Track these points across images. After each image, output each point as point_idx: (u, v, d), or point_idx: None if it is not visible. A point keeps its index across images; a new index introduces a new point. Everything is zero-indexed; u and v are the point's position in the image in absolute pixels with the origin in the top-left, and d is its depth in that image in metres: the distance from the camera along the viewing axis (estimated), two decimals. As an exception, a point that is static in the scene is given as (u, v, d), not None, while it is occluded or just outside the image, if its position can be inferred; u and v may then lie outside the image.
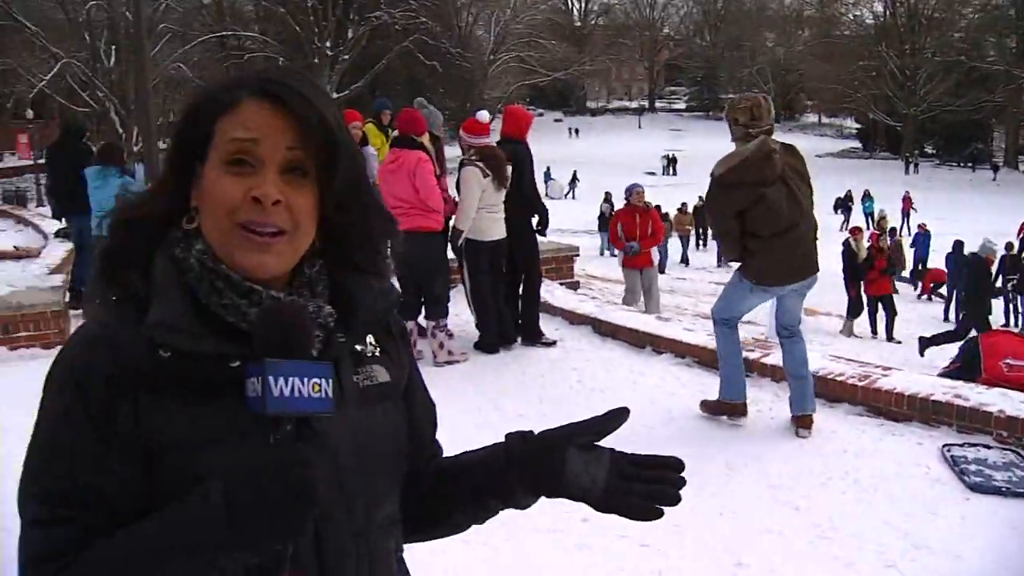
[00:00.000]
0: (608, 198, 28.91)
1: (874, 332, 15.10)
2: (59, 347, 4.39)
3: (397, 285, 1.31)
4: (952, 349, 9.39)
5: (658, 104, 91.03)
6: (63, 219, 10.47)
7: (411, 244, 5.96)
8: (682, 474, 1.20)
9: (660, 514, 1.18)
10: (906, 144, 57.73)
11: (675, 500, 1.19)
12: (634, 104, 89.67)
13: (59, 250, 10.88)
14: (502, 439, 1.27)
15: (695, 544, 3.85)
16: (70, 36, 39.13)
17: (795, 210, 5.08)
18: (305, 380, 0.98)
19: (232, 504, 0.97)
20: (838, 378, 5.79)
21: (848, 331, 14.93)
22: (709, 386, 5.82)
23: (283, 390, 0.97)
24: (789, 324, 5.34)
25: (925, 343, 12.36)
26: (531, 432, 1.24)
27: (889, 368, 6.11)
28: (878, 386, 5.60)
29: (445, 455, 1.40)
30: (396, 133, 7.11)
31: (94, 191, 7.89)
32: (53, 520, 1.05)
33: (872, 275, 14.90)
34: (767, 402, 5.74)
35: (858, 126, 70.40)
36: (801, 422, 5.19)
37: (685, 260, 26.33)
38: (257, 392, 0.97)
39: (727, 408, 5.42)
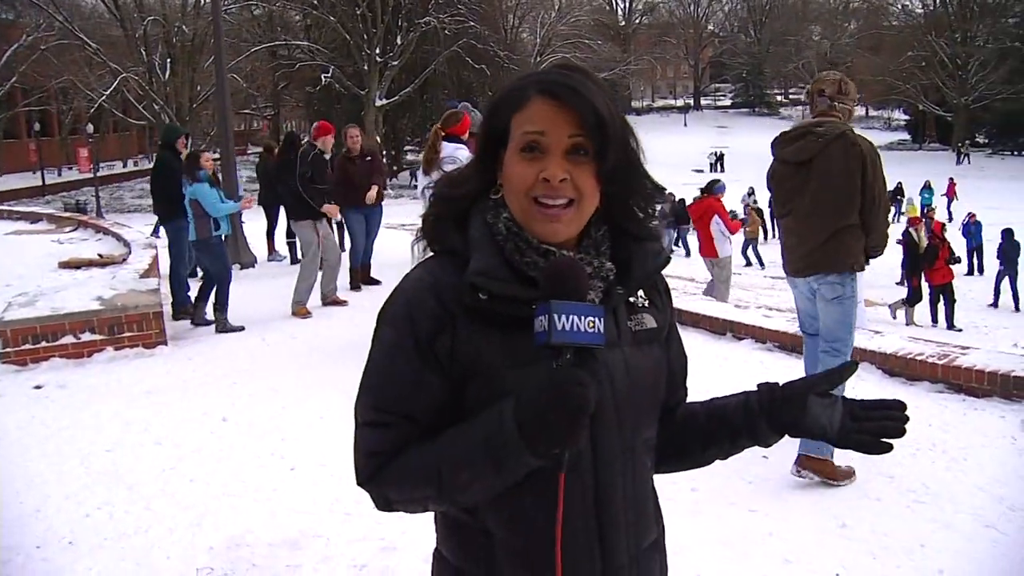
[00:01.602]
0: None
1: (934, 321, 15.10)
2: (159, 345, 4.78)
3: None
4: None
5: (703, 101, 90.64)
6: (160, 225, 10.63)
7: None
8: (905, 412, 1.42)
9: (889, 447, 1.42)
10: (957, 134, 56.78)
11: (900, 433, 1.42)
12: (679, 102, 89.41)
13: (145, 256, 11.30)
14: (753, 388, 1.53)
15: (799, 509, 4.09)
16: (127, 51, 40.05)
17: (796, 201, 4.68)
18: (582, 318, 1.20)
19: (521, 415, 1.22)
20: (917, 357, 5.97)
21: (904, 315, 14.95)
22: (792, 368, 6.04)
23: (564, 325, 1.18)
24: (824, 336, 4.66)
25: None
26: (777, 383, 1.48)
27: (967, 347, 6.26)
28: (958, 364, 5.77)
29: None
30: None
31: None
32: (380, 424, 1.38)
33: (937, 264, 14.92)
34: (849, 382, 5.88)
35: (907, 117, 69.42)
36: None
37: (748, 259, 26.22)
38: (544, 327, 1.19)
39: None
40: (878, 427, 1.42)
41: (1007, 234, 18.53)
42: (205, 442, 5.33)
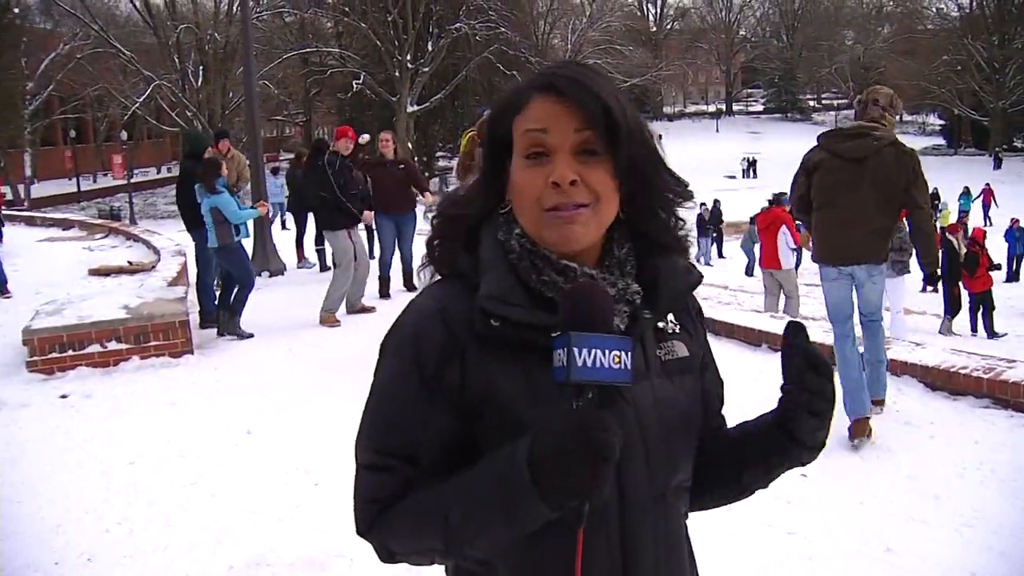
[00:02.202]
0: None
1: (974, 330, 14.73)
2: (185, 354, 4.66)
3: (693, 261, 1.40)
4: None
5: (735, 107, 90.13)
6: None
7: None
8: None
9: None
10: (993, 139, 55.97)
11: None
12: (711, 108, 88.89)
13: (173, 264, 11.31)
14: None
15: (841, 531, 3.91)
16: (160, 59, 40.48)
17: (844, 195, 5.04)
18: (607, 352, 1.06)
19: (535, 462, 1.08)
20: (961, 371, 5.75)
21: (947, 330, 14.61)
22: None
23: (586, 360, 1.04)
24: (866, 311, 5.25)
25: None
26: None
27: (1014, 360, 6.04)
28: (1004, 378, 5.54)
29: None
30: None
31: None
32: (381, 467, 1.23)
33: (978, 272, 14.59)
34: (890, 396, 5.71)
35: (942, 122, 68.52)
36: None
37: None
38: (563, 362, 1.05)
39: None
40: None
41: None
42: (228, 455, 5.24)
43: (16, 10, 41.04)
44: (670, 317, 1.33)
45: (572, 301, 1.11)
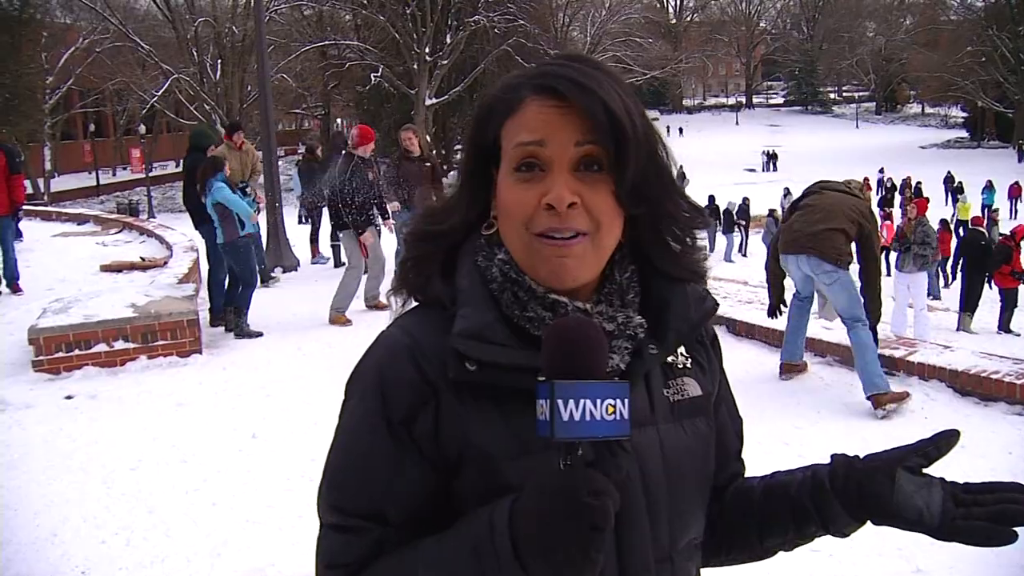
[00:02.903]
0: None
1: (1001, 328, 14.38)
2: (193, 354, 4.49)
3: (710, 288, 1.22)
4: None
5: (755, 99, 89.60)
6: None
7: None
8: None
9: (1014, 537, 1.03)
10: (1018, 131, 55.12)
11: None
12: (731, 100, 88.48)
13: (185, 260, 11.20)
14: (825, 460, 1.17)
15: (868, 550, 3.72)
16: (179, 53, 40.53)
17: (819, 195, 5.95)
18: (598, 402, 0.88)
19: (518, 530, 0.91)
20: (993, 376, 5.55)
21: (965, 326, 14.30)
22: (855, 386, 5.65)
23: (573, 413, 0.87)
24: (839, 314, 5.77)
25: None
26: (856, 456, 1.15)
27: (1047, 365, 5.82)
28: (1038, 383, 5.34)
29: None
30: None
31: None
32: (348, 528, 1.06)
33: (1011, 267, 14.28)
34: (917, 401, 5.53)
35: (965, 114, 67.71)
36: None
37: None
38: (546, 416, 0.88)
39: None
40: (996, 511, 1.03)
41: None
42: (232, 461, 5.10)
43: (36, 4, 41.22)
44: (680, 349, 1.15)
45: (555, 342, 0.92)
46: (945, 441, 1.11)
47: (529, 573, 0.90)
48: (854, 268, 5.71)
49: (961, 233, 22.25)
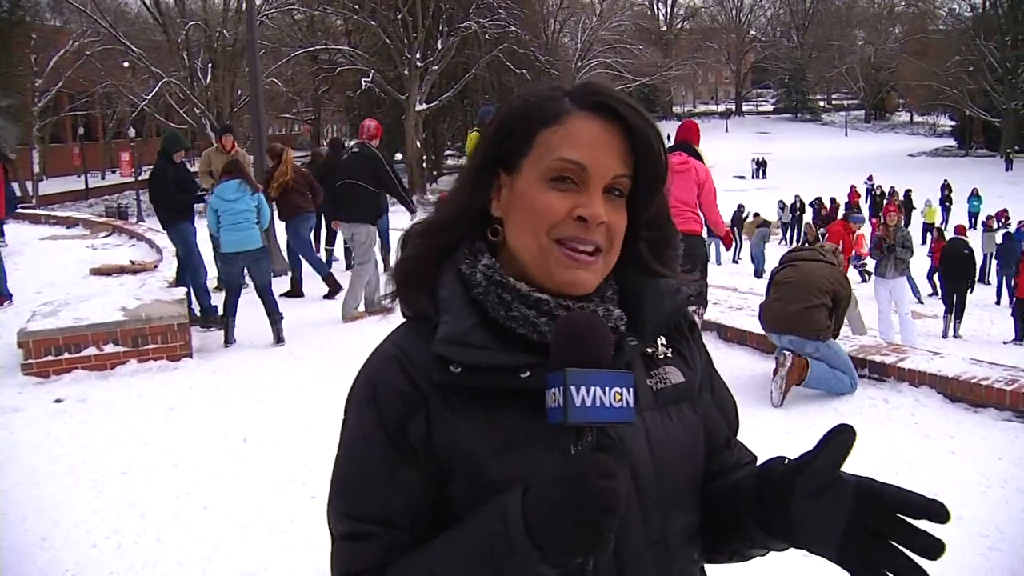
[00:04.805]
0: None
1: (1018, 336, 14.24)
2: (184, 358, 4.50)
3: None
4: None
5: (745, 107, 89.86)
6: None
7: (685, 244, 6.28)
8: (947, 518, 1.00)
9: (919, 571, 0.99)
10: (1005, 140, 55.40)
11: (935, 554, 0.99)
12: (721, 107, 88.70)
13: (175, 264, 11.14)
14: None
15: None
16: (169, 56, 40.41)
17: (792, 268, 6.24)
18: (607, 390, 0.94)
19: (532, 518, 0.95)
20: (983, 382, 5.57)
21: (956, 330, 14.28)
22: (844, 392, 5.69)
23: (584, 400, 0.93)
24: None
25: None
26: (783, 461, 1.09)
27: (1037, 372, 5.85)
28: (1028, 390, 5.36)
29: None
30: None
31: (230, 204, 7.97)
32: (359, 536, 1.08)
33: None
34: (908, 407, 5.55)
35: (953, 123, 68.03)
36: None
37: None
38: (558, 403, 0.94)
39: None
40: (898, 565, 0.99)
41: None
42: (223, 465, 5.08)
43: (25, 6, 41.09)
44: (660, 340, 1.19)
45: (567, 333, 0.98)
46: (841, 444, 1.03)
47: (546, 557, 0.94)
48: None
49: (928, 238, 22.52)
